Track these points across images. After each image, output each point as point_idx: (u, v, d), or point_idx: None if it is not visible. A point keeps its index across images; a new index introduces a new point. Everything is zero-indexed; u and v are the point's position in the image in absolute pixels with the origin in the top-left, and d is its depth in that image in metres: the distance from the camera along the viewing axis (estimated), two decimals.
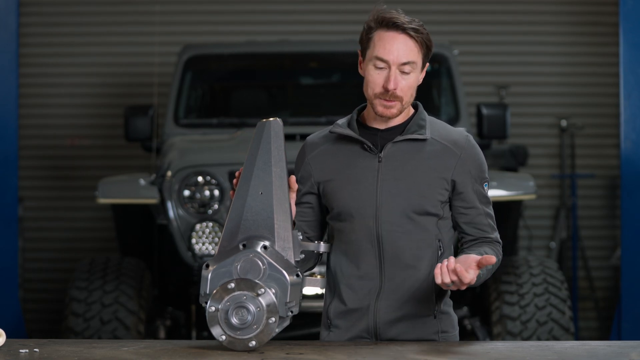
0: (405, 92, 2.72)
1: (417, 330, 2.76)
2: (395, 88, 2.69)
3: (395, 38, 2.73)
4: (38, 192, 8.04)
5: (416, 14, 2.90)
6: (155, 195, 5.46)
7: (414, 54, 2.72)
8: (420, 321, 2.76)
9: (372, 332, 2.75)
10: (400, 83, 2.70)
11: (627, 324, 5.85)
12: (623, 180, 5.91)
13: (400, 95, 2.71)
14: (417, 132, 2.76)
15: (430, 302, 2.76)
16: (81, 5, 8.12)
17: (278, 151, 2.63)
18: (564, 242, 7.98)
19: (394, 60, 2.70)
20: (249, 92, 6.54)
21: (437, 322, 2.78)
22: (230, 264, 2.51)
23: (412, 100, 2.79)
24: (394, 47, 2.71)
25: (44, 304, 7.95)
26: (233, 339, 2.47)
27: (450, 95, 6.28)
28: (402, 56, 2.71)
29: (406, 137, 2.75)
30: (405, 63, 2.71)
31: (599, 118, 8.07)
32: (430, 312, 2.76)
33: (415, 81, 2.75)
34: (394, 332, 2.75)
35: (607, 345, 2.63)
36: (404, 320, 2.75)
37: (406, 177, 2.74)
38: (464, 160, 2.78)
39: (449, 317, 2.82)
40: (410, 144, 2.76)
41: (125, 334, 5.20)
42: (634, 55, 5.79)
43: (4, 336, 2.56)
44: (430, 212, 2.74)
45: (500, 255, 2.85)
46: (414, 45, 2.73)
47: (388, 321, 2.74)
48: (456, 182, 2.77)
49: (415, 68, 2.73)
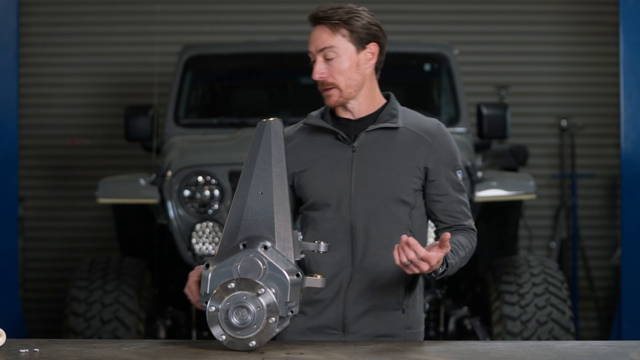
0: (336, 77, 2.78)
1: (385, 324, 2.81)
2: (321, 77, 2.77)
3: (314, 30, 2.81)
4: (38, 192, 8.04)
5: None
6: (156, 195, 5.46)
7: (330, 39, 2.77)
8: (388, 315, 2.81)
9: (340, 322, 2.78)
10: (326, 70, 2.77)
11: (627, 324, 5.85)
12: (623, 180, 5.91)
13: (332, 82, 2.78)
14: (389, 121, 2.82)
15: (399, 296, 2.81)
16: (81, 5, 8.12)
17: (278, 151, 2.63)
18: (564, 242, 7.99)
19: (313, 50, 2.79)
20: (249, 92, 6.54)
21: (404, 317, 2.82)
22: (231, 263, 2.51)
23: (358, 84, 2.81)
24: (312, 38, 2.80)
25: (44, 303, 7.96)
26: (233, 339, 2.47)
27: (450, 95, 6.28)
28: (318, 44, 2.78)
29: (378, 125, 2.81)
30: (323, 49, 2.77)
31: (599, 118, 8.07)
32: (398, 306, 2.81)
33: (346, 64, 2.78)
34: (362, 324, 2.79)
35: (607, 345, 2.62)
36: (372, 312, 2.80)
37: (380, 165, 2.79)
38: (436, 148, 2.82)
39: (416, 313, 2.87)
40: (382, 133, 2.81)
41: (126, 334, 5.20)
42: (634, 55, 5.79)
43: (4, 336, 2.56)
44: (404, 200, 2.79)
45: (474, 242, 2.86)
46: (329, 31, 2.77)
47: (356, 312, 2.79)
48: (429, 169, 2.81)
49: (339, 52, 2.77)
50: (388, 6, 7.97)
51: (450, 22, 8.10)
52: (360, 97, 2.83)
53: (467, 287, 6.01)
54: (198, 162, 5.47)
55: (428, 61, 6.52)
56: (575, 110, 8.11)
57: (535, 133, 8.08)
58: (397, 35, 7.57)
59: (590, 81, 8.13)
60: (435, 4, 8.09)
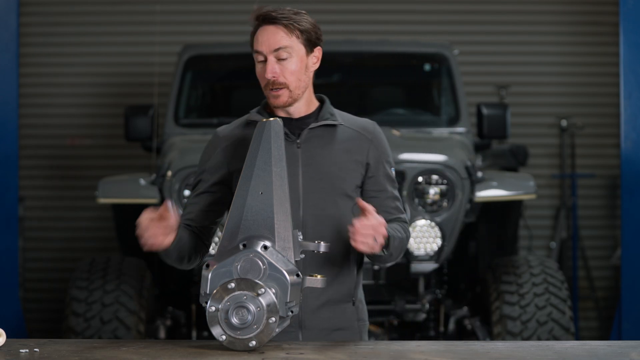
0: (287, 77, 2.80)
1: (339, 318, 2.84)
2: (274, 76, 2.79)
3: (266, 29, 2.81)
4: (38, 192, 8.04)
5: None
6: (156, 195, 5.46)
7: (285, 39, 2.79)
8: (341, 308, 2.85)
9: (297, 318, 2.79)
10: (279, 70, 2.79)
11: (627, 324, 5.85)
12: (623, 180, 5.91)
13: (284, 82, 2.80)
14: (330, 119, 2.87)
15: (350, 289, 2.86)
16: (81, 5, 8.12)
17: (278, 151, 2.64)
18: (564, 242, 7.99)
19: (266, 49, 2.79)
20: (249, 92, 6.53)
21: (355, 310, 2.88)
22: (231, 263, 2.51)
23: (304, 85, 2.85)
24: (264, 37, 2.80)
25: (44, 303, 7.96)
26: (233, 339, 2.47)
27: (450, 95, 6.28)
28: (272, 43, 2.79)
29: (321, 123, 2.85)
30: (278, 49, 2.79)
31: (599, 118, 8.07)
32: (349, 299, 2.86)
33: (297, 65, 2.81)
34: (318, 319, 2.82)
35: (607, 345, 2.63)
36: (327, 307, 2.82)
37: (325, 161, 2.83)
38: (375, 145, 2.89)
39: (363, 305, 2.93)
40: (324, 130, 2.85)
41: (126, 334, 5.20)
42: (634, 55, 5.79)
43: (4, 336, 2.56)
44: (349, 195, 2.84)
45: (407, 232, 2.89)
46: (284, 32, 2.80)
47: (312, 307, 2.81)
48: (370, 165, 2.87)
49: (292, 53, 2.80)
50: (388, 6, 7.97)
51: (450, 22, 8.10)
52: (302, 99, 2.87)
53: (467, 287, 6.01)
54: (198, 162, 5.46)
55: (428, 61, 6.52)
56: (575, 110, 8.11)
57: (535, 133, 8.07)
58: (397, 35, 7.58)
59: (590, 81, 8.13)
60: (435, 4, 8.09)
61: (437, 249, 5.35)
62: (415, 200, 5.43)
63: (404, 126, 5.95)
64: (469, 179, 5.47)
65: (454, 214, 5.41)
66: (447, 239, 5.37)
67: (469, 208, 5.48)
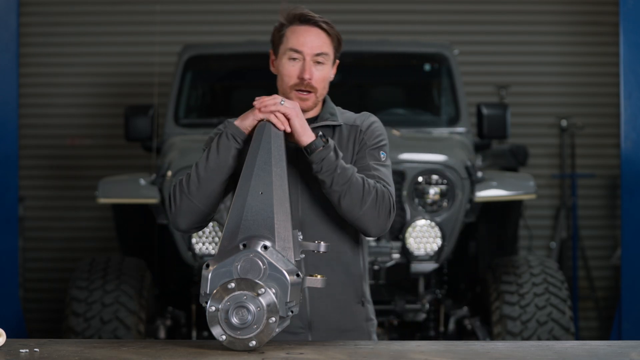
0: (319, 83, 2.82)
1: (348, 319, 2.85)
2: (310, 78, 2.79)
3: (309, 31, 2.82)
4: (38, 192, 8.05)
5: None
6: (156, 195, 5.46)
7: (327, 46, 2.83)
8: (350, 309, 2.85)
9: (306, 320, 2.80)
10: (315, 74, 2.80)
11: (627, 324, 5.85)
12: (623, 180, 5.91)
13: (315, 86, 2.82)
14: (330, 119, 2.87)
15: (358, 289, 2.86)
16: (81, 5, 8.12)
17: (278, 151, 2.64)
18: (564, 242, 7.99)
19: (308, 51, 2.80)
20: (249, 92, 6.53)
21: (364, 310, 2.88)
22: (231, 263, 2.51)
23: (325, 93, 2.88)
24: (308, 38, 2.80)
25: (44, 303, 7.96)
26: (233, 339, 2.47)
27: (450, 95, 6.28)
28: (315, 47, 2.81)
29: (320, 124, 2.85)
30: (319, 54, 2.81)
31: (599, 118, 8.08)
32: (358, 300, 2.86)
33: (328, 74, 2.85)
34: (327, 321, 2.82)
35: (608, 345, 2.63)
36: (337, 308, 2.83)
37: None
38: (364, 130, 2.87)
39: (371, 304, 2.93)
40: (326, 131, 2.84)
41: (126, 334, 5.20)
42: (634, 55, 5.79)
43: (4, 336, 2.56)
44: None
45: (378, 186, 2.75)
46: (327, 38, 2.83)
47: (321, 309, 2.81)
48: (356, 151, 2.85)
49: (328, 60, 2.84)
50: (388, 6, 7.97)
51: (450, 22, 8.11)
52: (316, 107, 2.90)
53: (467, 287, 6.01)
54: None
55: (428, 61, 6.52)
56: (575, 110, 8.11)
57: (535, 133, 8.08)
58: (397, 35, 7.58)
59: (590, 81, 8.13)
60: (435, 4, 8.09)
61: (437, 249, 5.35)
62: (415, 200, 5.43)
63: (404, 126, 5.94)
64: (469, 179, 5.47)
65: (454, 214, 5.41)
66: (447, 239, 5.37)
67: (469, 208, 5.48)
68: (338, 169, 2.70)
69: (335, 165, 2.70)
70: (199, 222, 2.82)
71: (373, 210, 2.71)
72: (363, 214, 2.71)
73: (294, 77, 2.80)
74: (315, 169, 2.71)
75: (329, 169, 2.70)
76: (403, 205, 5.38)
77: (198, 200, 2.77)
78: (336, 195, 2.71)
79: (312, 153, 2.70)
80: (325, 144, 2.70)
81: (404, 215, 5.38)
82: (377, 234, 2.76)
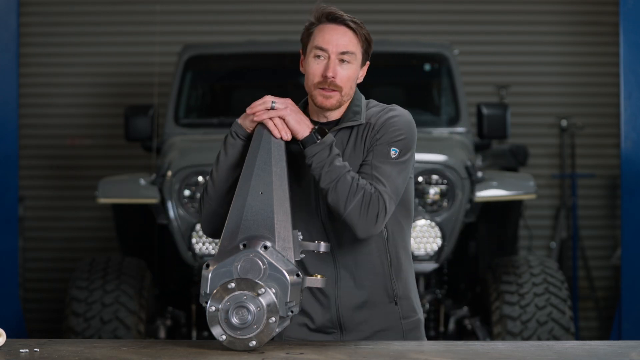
0: (344, 82, 2.77)
1: (380, 319, 2.81)
2: (334, 76, 2.75)
3: (335, 29, 2.79)
4: (38, 192, 8.04)
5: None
6: (156, 195, 5.45)
7: (353, 45, 2.78)
8: (381, 308, 2.81)
9: (336, 321, 2.79)
10: (339, 72, 2.76)
11: (627, 324, 5.85)
12: (623, 180, 5.91)
13: (340, 85, 2.77)
14: (351, 119, 2.81)
15: (388, 288, 2.81)
16: (81, 5, 8.12)
17: (278, 151, 2.64)
18: (564, 242, 7.99)
19: (333, 49, 2.76)
20: (249, 91, 6.54)
21: (398, 309, 2.82)
22: (231, 263, 2.51)
23: (352, 94, 2.82)
24: (334, 37, 2.77)
25: (44, 303, 7.96)
26: (233, 339, 2.47)
27: (450, 95, 6.28)
28: (341, 45, 2.77)
29: (341, 126, 2.80)
30: (345, 52, 2.77)
31: (599, 118, 8.07)
32: (390, 299, 2.81)
33: (355, 74, 2.80)
34: (357, 321, 2.80)
35: (608, 345, 2.63)
36: (365, 308, 2.80)
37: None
38: (376, 128, 2.78)
39: (409, 301, 2.86)
40: (346, 132, 2.80)
41: (126, 334, 5.20)
42: (634, 55, 5.79)
43: (4, 336, 2.56)
44: None
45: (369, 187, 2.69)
46: (354, 37, 2.79)
47: (350, 310, 2.79)
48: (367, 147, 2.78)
49: (355, 60, 2.79)
50: (388, 6, 7.97)
51: (450, 22, 8.10)
52: (342, 107, 2.83)
53: (467, 287, 6.01)
54: (198, 162, 5.47)
55: (428, 61, 6.52)
56: (575, 110, 8.11)
57: (535, 133, 8.08)
58: (397, 35, 7.58)
59: (590, 81, 8.13)
60: (435, 4, 8.09)
61: (437, 249, 5.35)
62: (415, 200, 5.42)
63: None
64: (469, 179, 5.47)
65: (454, 214, 5.41)
66: (447, 239, 5.37)
67: (469, 208, 5.47)
68: (327, 166, 2.67)
69: (325, 162, 2.67)
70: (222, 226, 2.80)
71: (357, 211, 2.66)
72: (347, 214, 2.67)
73: (317, 75, 2.76)
74: (307, 163, 2.70)
75: (318, 165, 2.67)
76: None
77: (217, 203, 2.78)
78: (324, 192, 2.69)
79: (305, 147, 2.69)
80: (320, 139, 2.68)
81: None
82: (364, 235, 2.70)
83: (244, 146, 2.74)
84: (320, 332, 2.79)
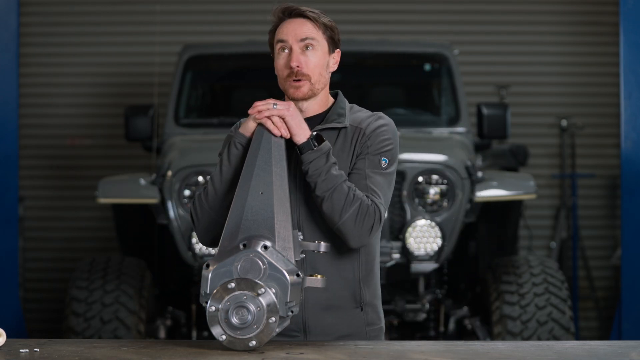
0: (311, 69, 2.78)
1: (345, 323, 2.80)
2: (298, 65, 2.76)
3: (292, 21, 2.82)
4: (38, 192, 8.05)
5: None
6: (156, 195, 5.46)
7: (313, 31, 2.80)
8: (347, 313, 2.80)
9: (301, 324, 2.78)
10: (304, 60, 2.77)
11: (627, 324, 5.85)
12: (623, 180, 5.92)
13: (307, 73, 2.78)
14: (336, 120, 2.82)
15: (356, 294, 2.81)
16: (81, 5, 8.12)
17: (278, 151, 2.64)
18: (564, 242, 7.99)
19: (292, 39, 2.78)
20: (249, 91, 6.54)
21: (363, 315, 2.82)
22: (231, 263, 2.51)
23: (324, 82, 2.82)
24: (291, 27, 2.80)
25: (44, 303, 7.96)
26: (233, 339, 2.47)
27: (450, 95, 6.28)
28: (299, 33, 2.79)
29: (325, 126, 2.80)
30: (304, 39, 2.79)
31: (599, 118, 8.08)
32: (357, 304, 2.81)
33: (321, 60, 2.81)
34: (322, 325, 2.78)
35: (608, 345, 2.63)
36: (330, 312, 2.79)
37: None
38: (367, 134, 2.79)
39: (375, 308, 2.86)
40: (329, 133, 2.80)
41: (126, 334, 5.20)
42: (634, 55, 5.79)
43: (4, 336, 2.56)
44: None
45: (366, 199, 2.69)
46: (312, 25, 2.81)
47: (316, 313, 2.78)
48: (356, 154, 2.79)
49: (318, 45, 2.80)
50: (388, 6, 7.97)
51: (450, 22, 8.11)
52: (317, 98, 2.83)
53: (467, 287, 6.01)
54: (198, 162, 5.48)
55: (428, 61, 6.52)
56: (575, 110, 8.11)
57: (535, 133, 8.08)
58: (397, 35, 7.58)
59: (590, 81, 8.13)
60: (435, 4, 8.09)
61: (437, 249, 5.35)
62: (415, 200, 5.43)
63: (404, 126, 5.93)
64: (469, 178, 5.47)
65: (454, 214, 5.41)
66: (447, 239, 5.37)
67: (469, 208, 5.48)
68: (323, 174, 2.67)
69: (321, 170, 2.67)
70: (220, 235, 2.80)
71: (352, 222, 2.67)
72: (342, 223, 2.67)
73: (285, 69, 2.78)
74: (303, 170, 2.70)
75: (315, 172, 2.67)
76: (403, 205, 5.38)
77: (217, 212, 2.77)
78: (318, 200, 2.68)
79: (303, 153, 2.69)
80: (317, 146, 2.68)
81: (404, 215, 5.38)
82: (356, 245, 2.72)
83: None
84: (283, 335, 2.72)
